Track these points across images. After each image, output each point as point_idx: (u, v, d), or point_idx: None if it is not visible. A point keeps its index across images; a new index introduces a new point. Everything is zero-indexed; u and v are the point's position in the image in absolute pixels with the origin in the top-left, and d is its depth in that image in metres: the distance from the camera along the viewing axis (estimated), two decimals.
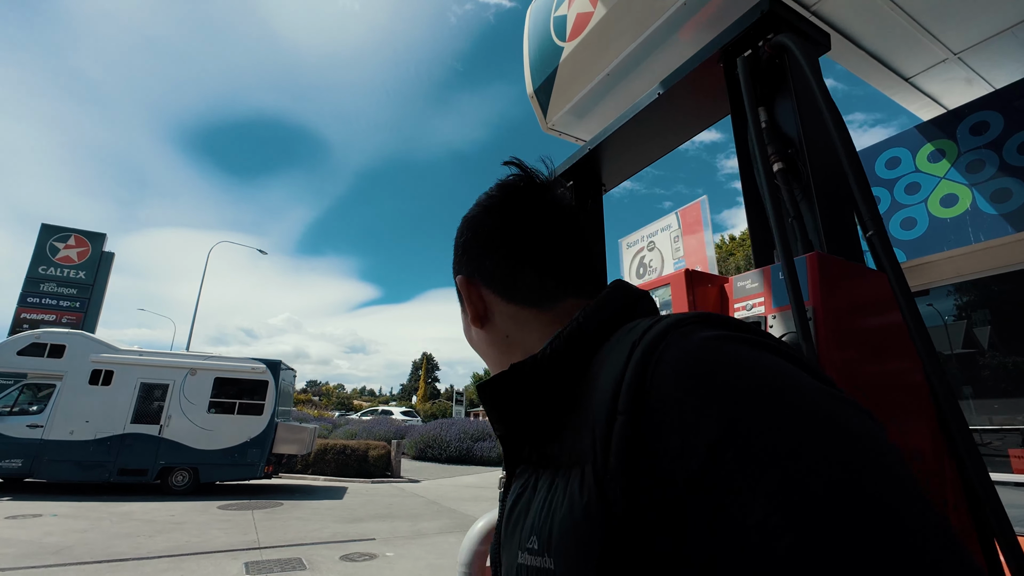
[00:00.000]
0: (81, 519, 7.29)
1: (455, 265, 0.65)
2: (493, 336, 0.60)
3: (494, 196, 0.61)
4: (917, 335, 0.84)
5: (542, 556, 0.38)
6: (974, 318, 3.55)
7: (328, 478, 13.36)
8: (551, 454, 0.43)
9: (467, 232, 0.63)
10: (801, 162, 1.09)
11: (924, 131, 3.53)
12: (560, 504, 0.38)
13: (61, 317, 21.36)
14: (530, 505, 0.43)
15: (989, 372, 3.30)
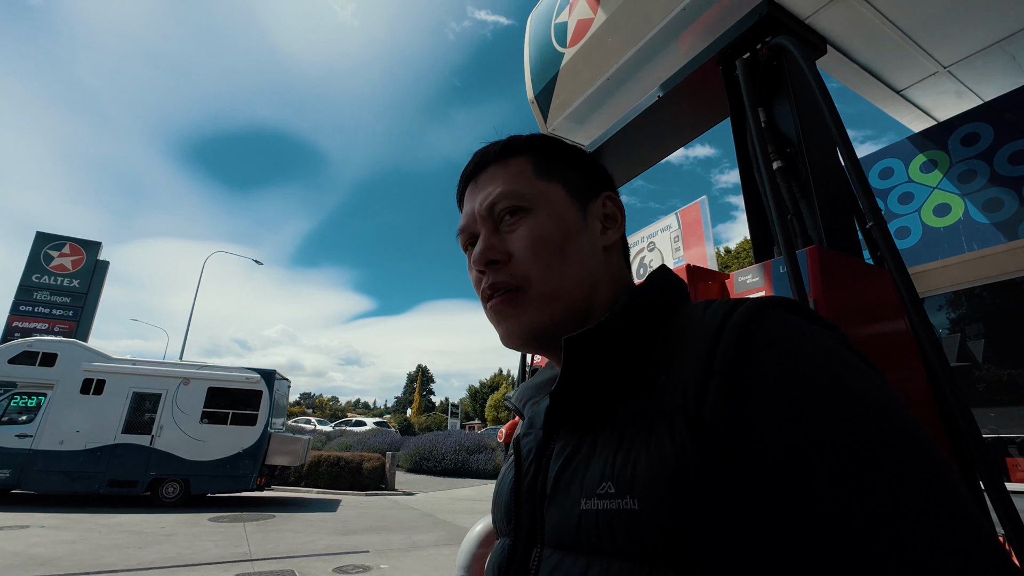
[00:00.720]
0: (69, 531, 7.15)
1: (589, 183, 0.62)
2: (607, 262, 0.60)
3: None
4: (919, 324, 0.85)
5: (622, 498, 0.41)
6: (968, 331, 3.59)
7: (321, 490, 13.19)
8: (617, 412, 0.47)
9: (595, 159, 0.66)
10: (800, 160, 1.11)
11: (916, 142, 3.59)
12: (642, 452, 0.41)
13: (54, 326, 21.16)
14: (590, 459, 0.46)
15: (984, 385, 3.32)
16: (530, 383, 0.67)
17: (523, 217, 0.56)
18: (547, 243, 0.55)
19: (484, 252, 0.56)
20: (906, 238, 3.57)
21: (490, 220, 0.58)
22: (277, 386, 11.37)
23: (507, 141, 0.62)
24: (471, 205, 0.60)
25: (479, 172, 0.62)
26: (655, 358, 0.47)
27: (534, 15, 2.17)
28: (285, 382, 12.46)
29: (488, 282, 0.56)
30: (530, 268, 0.54)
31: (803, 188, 1.12)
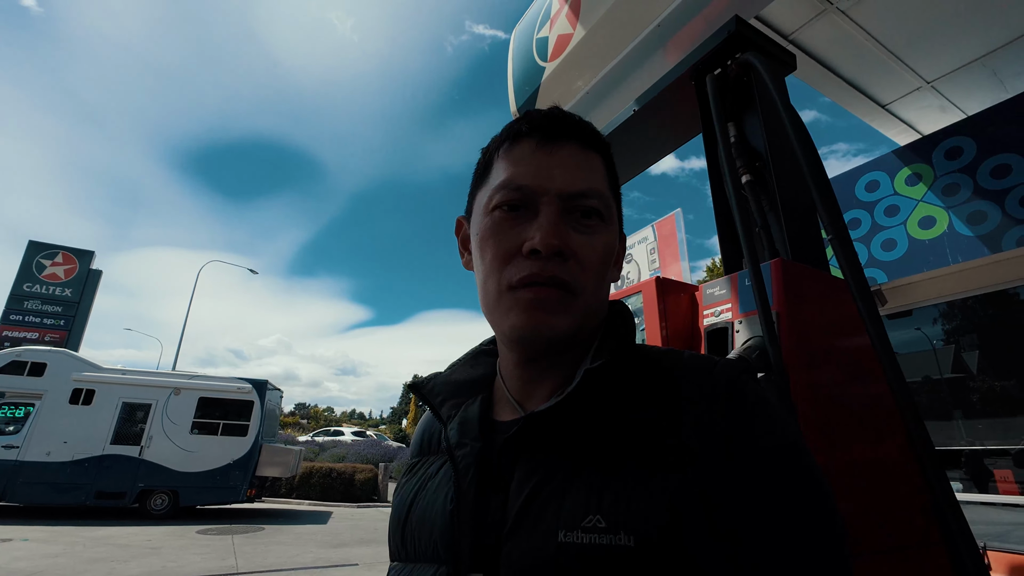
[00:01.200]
0: (54, 543, 7.03)
1: (620, 217, 0.62)
2: (606, 297, 0.59)
3: None
4: (879, 345, 0.85)
5: (614, 534, 0.40)
6: (962, 343, 3.60)
7: (313, 502, 13.04)
8: (604, 449, 0.46)
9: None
10: (768, 174, 1.12)
11: (901, 156, 3.63)
12: (639, 489, 0.42)
13: (44, 335, 20.97)
14: (566, 489, 0.44)
15: (979, 396, 3.32)
16: (445, 379, 0.63)
17: (600, 226, 0.53)
18: (605, 260, 0.54)
19: (559, 239, 0.50)
20: (892, 250, 3.60)
21: (564, 205, 0.52)
22: (269, 396, 11.27)
23: (589, 125, 0.57)
24: (543, 167, 0.52)
25: (560, 139, 0.54)
26: (643, 399, 0.49)
27: (518, 29, 2.20)
28: (277, 392, 12.37)
29: (546, 271, 0.49)
30: (588, 278, 0.51)
31: (771, 202, 1.13)
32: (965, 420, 3.26)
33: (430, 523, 0.51)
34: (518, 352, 0.55)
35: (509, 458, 0.49)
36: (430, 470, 0.57)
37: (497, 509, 0.47)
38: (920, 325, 3.77)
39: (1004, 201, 3.02)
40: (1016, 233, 2.96)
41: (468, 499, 0.49)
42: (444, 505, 0.50)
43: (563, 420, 0.48)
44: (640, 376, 0.51)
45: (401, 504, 0.57)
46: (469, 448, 0.52)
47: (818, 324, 0.93)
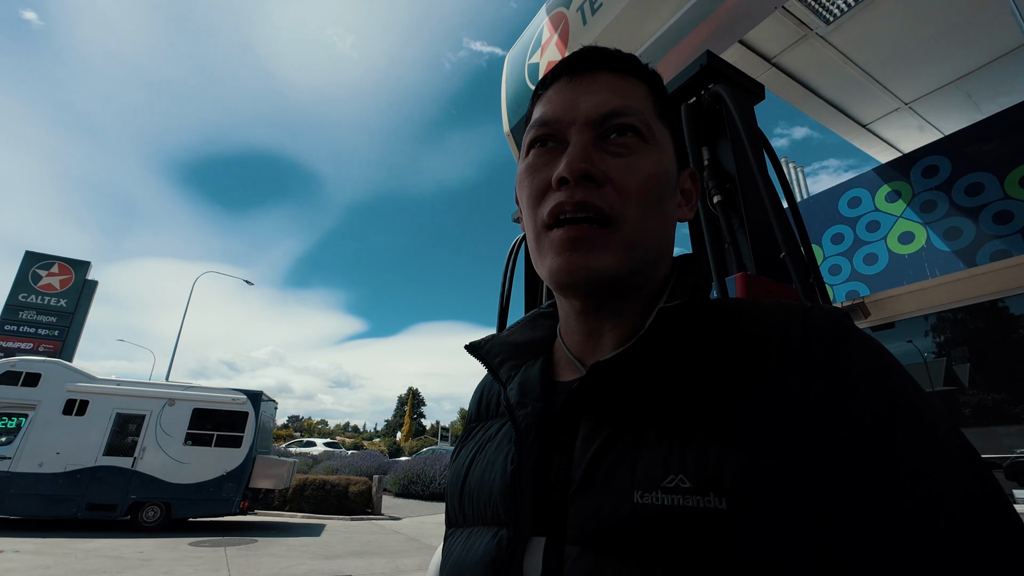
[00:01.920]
0: (45, 555, 6.98)
1: (684, 151, 0.59)
2: (672, 234, 0.54)
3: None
4: None
5: (703, 495, 0.35)
6: (953, 355, 3.71)
7: (306, 515, 12.94)
8: (682, 404, 0.41)
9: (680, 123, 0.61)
10: (737, 195, 1.22)
11: (882, 173, 3.77)
12: (729, 449, 0.37)
13: (38, 346, 20.89)
14: (639, 448, 0.40)
15: (971, 410, 3.42)
16: (506, 339, 0.59)
17: (638, 146, 0.47)
18: (654, 186, 0.47)
19: (584, 160, 0.45)
20: (874, 264, 3.72)
21: (595, 129, 0.48)
22: (263, 407, 11.25)
23: (627, 55, 0.53)
24: (571, 98, 0.49)
25: (591, 70, 0.51)
26: (722, 352, 0.43)
27: (511, 55, 2.32)
28: (272, 403, 12.34)
29: (575, 197, 0.45)
30: (628, 205, 0.46)
31: (740, 220, 1.23)
32: None
33: (489, 485, 0.48)
34: (572, 300, 0.50)
35: (573, 415, 0.45)
36: (489, 432, 0.55)
37: (561, 469, 0.43)
38: (911, 337, 3.89)
39: (978, 217, 3.15)
40: (990, 248, 3.08)
41: (530, 459, 0.45)
42: (505, 466, 0.47)
43: (634, 370, 0.43)
44: (723, 324, 0.45)
45: (459, 470, 0.54)
46: (531, 408, 0.48)
47: None
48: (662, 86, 0.55)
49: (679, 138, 0.55)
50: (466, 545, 0.47)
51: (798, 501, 0.34)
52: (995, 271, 3.15)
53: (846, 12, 3.07)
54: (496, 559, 0.42)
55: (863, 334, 0.41)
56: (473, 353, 0.59)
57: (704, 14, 1.46)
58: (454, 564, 0.48)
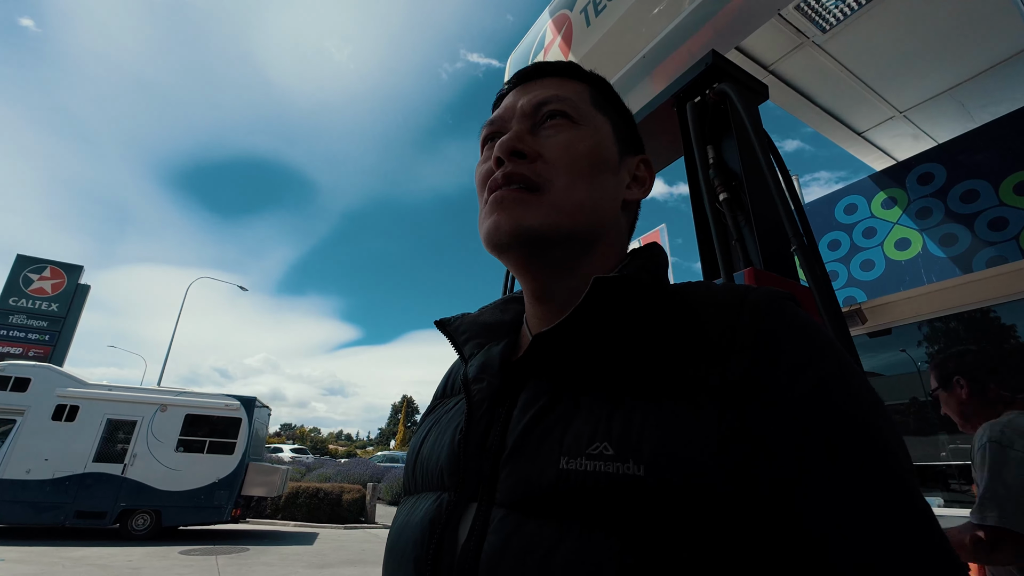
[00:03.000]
0: (31, 564, 6.84)
1: (632, 139, 0.60)
2: (618, 218, 0.56)
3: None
4: (836, 337, 0.95)
5: (622, 462, 0.37)
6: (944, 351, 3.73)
7: (299, 523, 12.78)
8: (612, 375, 0.43)
9: (631, 118, 0.63)
10: (743, 192, 1.23)
11: (877, 180, 3.81)
12: (651, 418, 0.38)
13: (28, 350, 20.60)
14: (572, 416, 0.41)
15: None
16: (474, 319, 0.62)
17: (568, 126, 0.52)
18: (581, 158, 0.51)
19: (513, 140, 0.50)
20: (871, 270, 3.75)
21: (531, 118, 0.53)
22: (257, 414, 11.14)
23: (568, 63, 0.59)
24: (514, 100, 0.55)
25: (535, 77, 0.57)
26: (663, 329, 0.44)
27: (513, 56, 2.34)
28: (265, 410, 12.22)
29: (505, 171, 0.49)
30: (556, 174, 0.49)
31: (745, 217, 1.23)
32: (948, 435, 3.36)
33: (437, 453, 0.50)
34: (513, 265, 0.52)
35: (516, 384, 0.48)
36: (447, 407, 0.57)
37: (497, 435, 0.45)
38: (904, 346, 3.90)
39: (973, 224, 3.19)
40: (985, 255, 3.12)
41: (477, 429, 0.47)
42: (453, 435, 0.49)
43: (573, 341, 0.45)
44: (663, 302, 0.47)
45: (415, 443, 0.57)
46: (486, 384, 0.51)
47: None
48: (605, 86, 0.59)
49: (625, 126, 0.59)
50: (412, 509, 0.50)
51: (715, 469, 0.35)
52: (990, 277, 3.18)
53: (842, 21, 3.12)
54: (434, 519, 0.44)
55: (799, 314, 0.42)
56: (442, 329, 0.62)
57: (707, 16, 1.47)
58: (398, 527, 0.50)
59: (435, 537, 0.43)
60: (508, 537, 0.38)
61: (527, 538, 0.37)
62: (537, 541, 0.37)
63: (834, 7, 3.08)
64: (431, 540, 0.43)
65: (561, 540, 0.36)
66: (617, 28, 1.65)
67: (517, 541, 0.38)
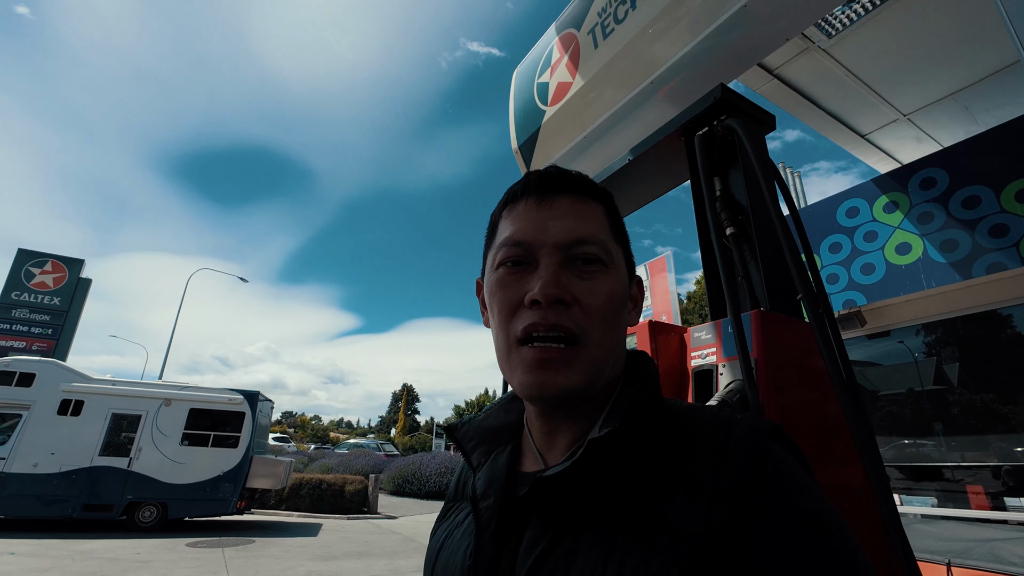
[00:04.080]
0: (41, 557, 6.95)
1: (631, 262, 0.63)
2: (624, 343, 0.58)
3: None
4: (838, 384, 0.98)
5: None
6: (943, 355, 3.76)
7: (302, 514, 12.94)
8: (606, 516, 0.46)
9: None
10: (749, 227, 1.25)
11: (880, 184, 3.82)
12: (641, 565, 0.41)
13: (32, 344, 20.70)
14: (572, 558, 0.45)
15: (959, 409, 3.47)
16: (481, 423, 0.65)
17: (602, 271, 0.54)
18: (613, 306, 0.53)
19: (556, 287, 0.51)
20: (871, 274, 3.77)
21: (564, 254, 0.53)
22: (260, 407, 11.23)
23: (585, 177, 0.59)
24: (539, 222, 0.55)
25: (555, 193, 0.56)
26: (654, 468, 0.48)
27: (519, 71, 2.34)
28: (268, 403, 12.31)
29: (549, 320, 0.51)
30: (593, 325, 0.51)
31: (752, 252, 1.25)
32: (946, 436, 3.40)
33: (451, 571, 0.54)
34: (543, 410, 0.57)
35: (521, 519, 0.51)
36: (458, 518, 0.61)
37: (507, 571, 0.49)
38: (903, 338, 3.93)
39: (974, 230, 3.20)
40: (985, 261, 3.14)
41: (486, 554, 0.51)
42: (464, 560, 0.53)
43: (571, 485, 0.48)
44: (655, 439, 0.50)
45: (433, 548, 0.61)
46: (492, 500, 0.54)
47: (792, 369, 1.06)
48: (613, 203, 0.61)
49: (628, 251, 0.62)
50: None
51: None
52: (990, 283, 3.20)
53: (848, 26, 3.11)
54: None
55: (775, 457, 0.45)
56: (450, 436, 0.65)
57: (717, 44, 1.48)
58: None
59: None
60: None
61: None
62: None
63: (840, 13, 3.07)
64: None
65: None
66: (625, 52, 1.65)
67: None
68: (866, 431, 0.96)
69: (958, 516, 2.67)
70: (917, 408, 3.47)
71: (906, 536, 0.86)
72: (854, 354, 3.63)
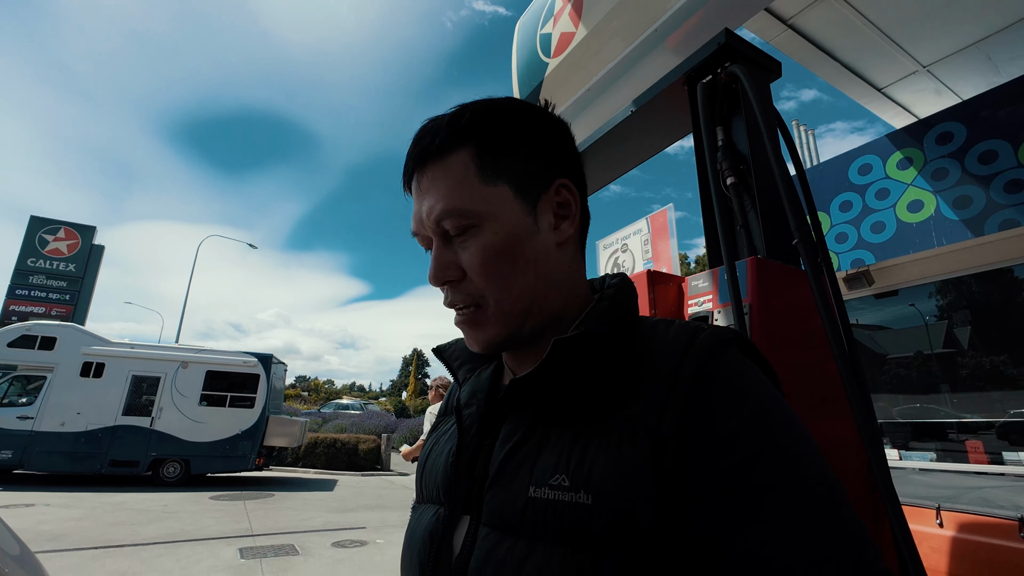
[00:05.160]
0: (75, 508, 7.36)
1: (540, 172, 0.57)
2: (560, 259, 0.58)
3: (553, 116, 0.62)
4: (831, 333, 1.00)
5: (575, 492, 0.44)
6: (955, 318, 3.75)
7: (318, 471, 13.47)
8: (575, 413, 0.50)
9: (555, 131, 0.60)
10: (750, 176, 1.25)
11: (895, 139, 3.72)
12: (601, 454, 0.45)
13: (51, 310, 21.20)
14: (541, 449, 0.49)
15: (968, 372, 3.48)
16: (466, 345, 0.65)
17: (472, 233, 0.54)
18: (498, 259, 0.53)
19: (437, 272, 0.55)
20: (881, 232, 3.72)
21: (439, 232, 0.55)
22: (274, 370, 11.54)
23: (447, 129, 0.55)
24: (418, 208, 0.57)
25: (422, 166, 0.56)
26: (621, 370, 0.50)
27: (521, 22, 2.27)
28: (282, 366, 12.63)
29: (448, 299, 0.56)
30: (485, 287, 0.54)
31: (752, 202, 1.26)
32: (951, 392, 3.44)
33: (436, 471, 0.59)
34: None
35: (498, 418, 0.56)
36: (446, 427, 0.65)
37: (483, 464, 0.53)
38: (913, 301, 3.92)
39: (989, 186, 3.13)
40: (999, 218, 3.08)
41: (467, 454, 0.56)
42: (447, 457, 0.58)
43: (541, 386, 0.52)
44: (624, 344, 0.53)
45: (422, 457, 0.66)
46: (475, 408, 0.59)
47: (785, 314, 1.08)
48: (493, 131, 0.56)
49: (527, 168, 0.56)
50: (419, 517, 0.59)
51: (647, 508, 0.42)
52: (1002, 240, 3.16)
53: None
54: (433, 532, 0.54)
55: (731, 364, 0.47)
56: (438, 356, 0.70)
57: None
58: (410, 531, 0.59)
59: (434, 548, 0.53)
60: (489, 552, 0.47)
61: (504, 553, 0.46)
62: (511, 556, 0.45)
63: None
64: (431, 550, 0.53)
65: (529, 555, 0.45)
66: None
67: (496, 556, 0.46)
68: (858, 379, 0.99)
69: (955, 470, 2.73)
70: (924, 368, 3.50)
71: (892, 482, 0.90)
72: (862, 318, 3.63)
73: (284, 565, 5.18)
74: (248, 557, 5.36)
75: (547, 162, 0.58)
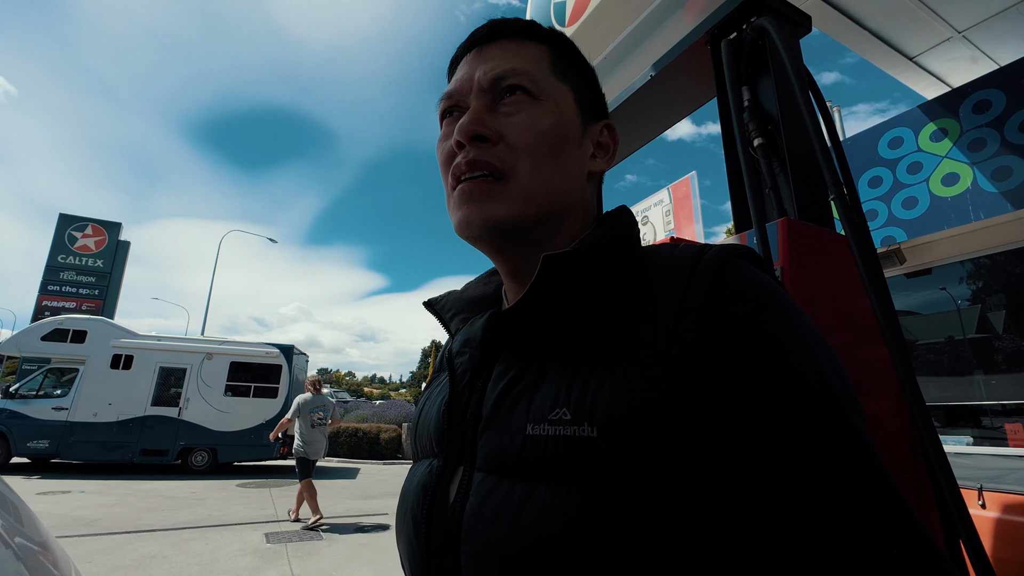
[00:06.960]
0: (108, 495, 7.61)
1: (595, 103, 0.58)
2: (585, 189, 0.55)
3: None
4: (873, 293, 0.93)
5: (579, 425, 0.40)
6: (989, 302, 3.58)
7: (341, 459, 13.71)
8: (574, 343, 0.45)
9: (594, 77, 0.60)
10: (779, 137, 1.18)
11: (927, 110, 3.55)
12: (605, 382, 0.40)
13: (81, 305, 21.88)
14: (538, 385, 0.44)
15: (1003, 357, 3.32)
16: (459, 296, 0.64)
17: (528, 102, 0.50)
18: (545, 138, 0.50)
19: (473, 123, 0.49)
20: (913, 208, 3.56)
21: (489, 94, 0.51)
22: (296, 360, 11.73)
23: (524, 22, 0.55)
24: (470, 70, 0.53)
25: (491, 40, 0.54)
26: (622, 295, 0.46)
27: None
28: (303, 356, 12.83)
29: (467, 158, 0.49)
30: (520, 158, 0.49)
31: (781, 163, 1.19)
32: (984, 375, 3.30)
33: (428, 423, 0.55)
34: (486, 253, 0.55)
35: (491, 358, 0.51)
36: (439, 381, 0.61)
37: (475, 407, 0.48)
38: (945, 284, 3.76)
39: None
40: None
41: (460, 401, 0.51)
42: (439, 407, 0.53)
43: (534, 316, 0.48)
44: (624, 268, 0.48)
45: (416, 413, 0.62)
46: (468, 356, 0.54)
47: (820, 278, 1.02)
48: (566, 46, 0.56)
49: (588, 90, 0.57)
50: (413, 472, 0.55)
51: (662, 439, 0.37)
52: None
53: None
54: (426, 484, 0.49)
55: (747, 276, 0.42)
56: (430, 310, 0.65)
57: None
58: (404, 487, 0.55)
59: (427, 499, 0.48)
60: (485, 498, 0.42)
61: (501, 498, 0.41)
62: (509, 500, 0.41)
63: None
64: (424, 502, 0.48)
65: (529, 498, 0.40)
66: None
67: (492, 501, 0.42)
68: (898, 337, 0.92)
69: (994, 454, 2.61)
70: (956, 350, 3.36)
71: (947, 460, 0.84)
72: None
73: (309, 549, 5.28)
74: (274, 542, 5.48)
75: (601, 100, 0.59)
